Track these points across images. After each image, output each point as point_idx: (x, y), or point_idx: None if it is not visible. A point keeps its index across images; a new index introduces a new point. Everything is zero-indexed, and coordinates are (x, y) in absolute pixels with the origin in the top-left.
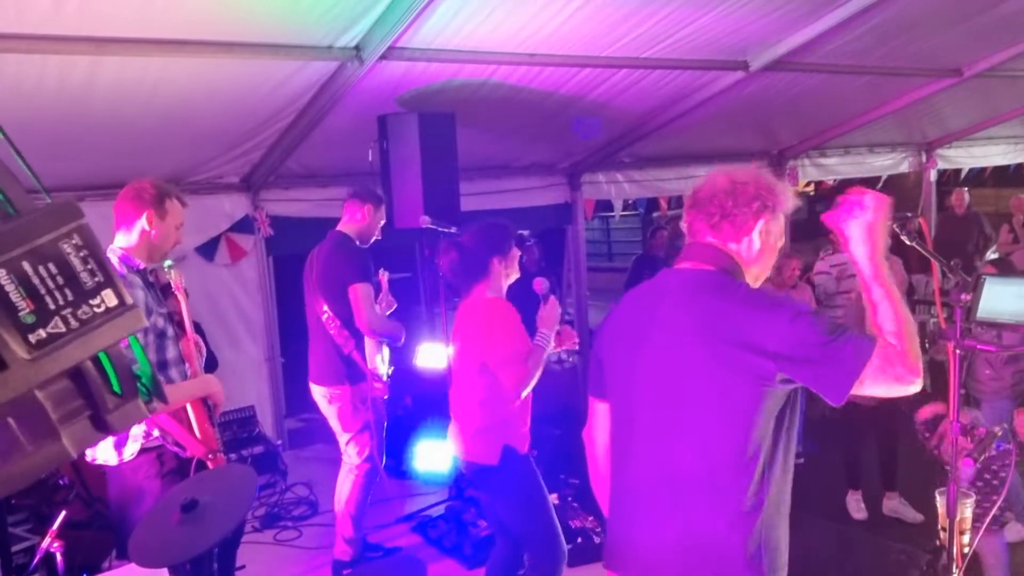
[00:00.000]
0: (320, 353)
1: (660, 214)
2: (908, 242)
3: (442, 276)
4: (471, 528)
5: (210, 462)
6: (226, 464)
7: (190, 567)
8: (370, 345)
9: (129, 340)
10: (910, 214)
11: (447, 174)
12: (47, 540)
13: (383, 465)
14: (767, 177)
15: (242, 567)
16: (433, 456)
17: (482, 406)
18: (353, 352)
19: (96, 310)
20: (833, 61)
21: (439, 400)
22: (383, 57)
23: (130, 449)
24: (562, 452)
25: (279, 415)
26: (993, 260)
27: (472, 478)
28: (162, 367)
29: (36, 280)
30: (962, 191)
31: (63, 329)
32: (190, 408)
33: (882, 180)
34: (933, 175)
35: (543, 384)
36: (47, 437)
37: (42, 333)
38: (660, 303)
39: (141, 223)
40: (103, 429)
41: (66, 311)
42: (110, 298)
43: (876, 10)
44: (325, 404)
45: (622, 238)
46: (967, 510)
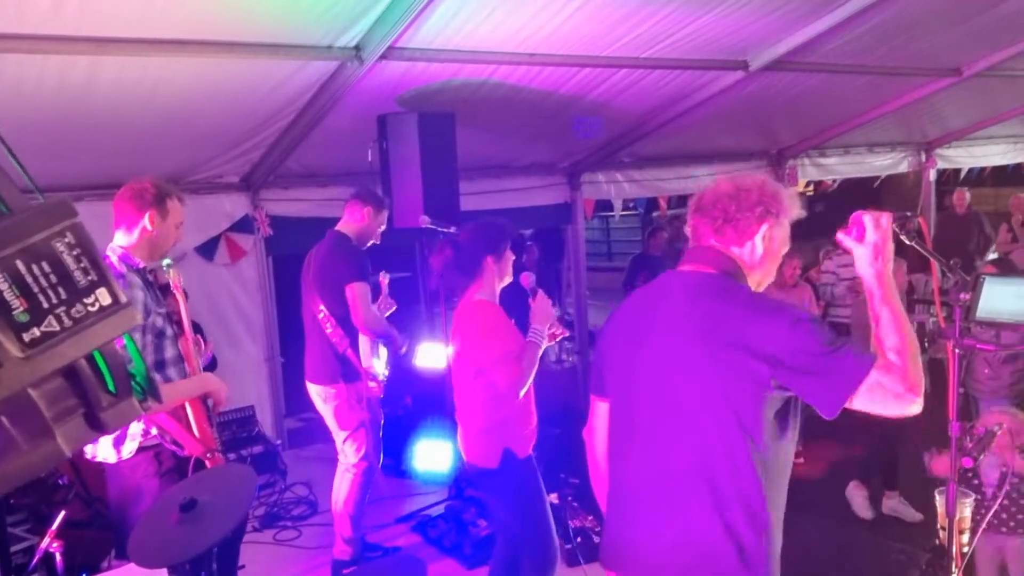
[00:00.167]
0: (316, 352)
1: (660, 214)
2: (908, 242)
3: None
4: (471, 528)
5: (208, 461)
6: (225, 464)
7: (189, 567)
8: (365, 344)
9: (124, 339)
10: (910, 213)
11: (447, 174)
12: (46, 540)
13: (380, 464)
14: (772, 184)
15: (242, 567)
16: (432, 456)
17: (482, 408)
18: (348, 351)
19: (90, 308)
20: (833, 61)
21: (439, 400)
22: (383, 57)
23: (128, 447)
24: (562, 452)
25: (279, 415)
26: (994, 260)
27: (473, 480)
28: (161, 367)
29: (29, 278)
30: (963, 191)
31: (57, 327)
32: (188, 407)
33: (879, 179)
34: (933, 175)
35: (543, 384)
36: (41, 436)
37: (36, 331)
38: (661, 304)
39: (143, 223)
40: (97, 427)
41: (60, 309)
42: (104, 296)
43: (876, 10)
44: (321, 403)
45: (622, 238)
46: (966, 510)
